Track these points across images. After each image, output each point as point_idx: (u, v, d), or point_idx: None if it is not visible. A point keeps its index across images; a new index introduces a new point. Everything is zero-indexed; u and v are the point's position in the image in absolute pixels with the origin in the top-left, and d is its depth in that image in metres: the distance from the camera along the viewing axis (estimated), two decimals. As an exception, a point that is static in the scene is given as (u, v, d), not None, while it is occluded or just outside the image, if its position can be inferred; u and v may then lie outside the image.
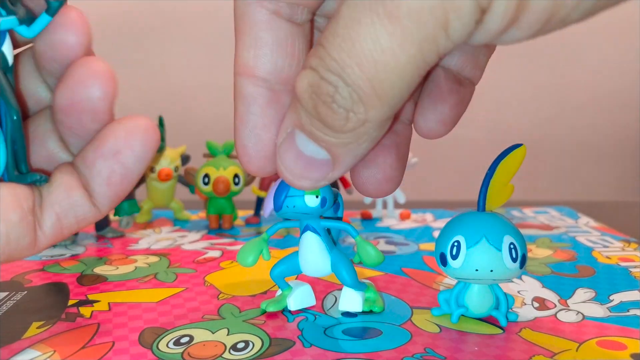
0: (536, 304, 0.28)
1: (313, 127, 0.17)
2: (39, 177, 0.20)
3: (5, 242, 0.18)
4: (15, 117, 0.19)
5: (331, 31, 0.15)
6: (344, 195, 0.38)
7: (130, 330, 0.25)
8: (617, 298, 0.29)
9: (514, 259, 0.24)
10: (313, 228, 0.26)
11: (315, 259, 0.26)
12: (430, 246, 0.41)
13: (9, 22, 0.18)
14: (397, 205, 0.53)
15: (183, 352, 0.23)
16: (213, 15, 0.76)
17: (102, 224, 0.44)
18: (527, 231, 0.45)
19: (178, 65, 0.80)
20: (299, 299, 0.28)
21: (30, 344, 0.24)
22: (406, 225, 0.49)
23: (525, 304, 0.28)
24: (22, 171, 0.19)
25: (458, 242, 0.24)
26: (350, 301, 0.27)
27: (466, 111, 0.21)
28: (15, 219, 0.18)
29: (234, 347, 0.23)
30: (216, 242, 0.42)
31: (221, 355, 0.23)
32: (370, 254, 0.26)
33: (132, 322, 0.26)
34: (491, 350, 0.23)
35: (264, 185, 0.49)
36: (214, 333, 0.25)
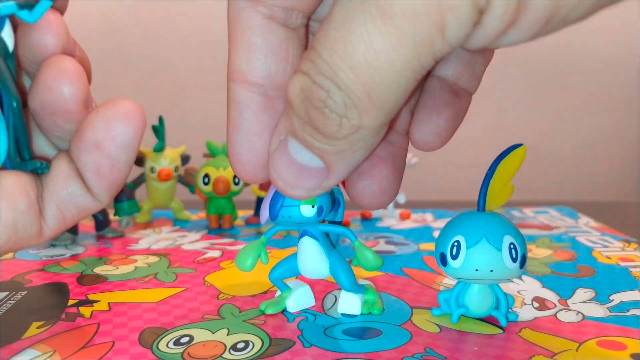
0: (536, 304, 0.28)
1: (306, 133, 0.16)
2: (40, 164, 0.19)
3: (12, 230, 0.18)
4: (15, 104, 0.18)
5: (323, 33, 0.14)
6: (344, 195, 0.38)
7: (130, 330, 0.25)
8: (617, 298, 0.29)
9: (514, 259, 0.24)
10: (311, 233, 0.26)
11: (313, 263, 0.26)
12: (430, 246, 0.41)
13: (9, 7, 0.18)
14: (397, 205, 0.53)
15: (183, 352, 0.23)
16: (213, 15, 0.76)
17: (102, 224, 0.44)
18: (527, 231, 0.45)
19: (178, 65, 0.80)
20: (298, 300, 0.28)
21: (30, 344, 0.24)
22: (406, 225, 0.49)
23: (525, 304, 0.28)
24: (24, 158, 0.19)
25: (458, 242, 0.24)
26: (349, 304, 0.27)
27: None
28: (22, 207, 0.18)
29: (234, 347, 0.23)
30: (216, 242, 0.42)
31: (221, 355, 0.23)
32: (369, 258, 0.26)
33: (132, 322, 0.26)
34: (491, 350, 0.23)
35: (264, 186, 0.49)
36: (214, 333, 0.25)
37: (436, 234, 0.44)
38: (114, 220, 0.46)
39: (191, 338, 0.24)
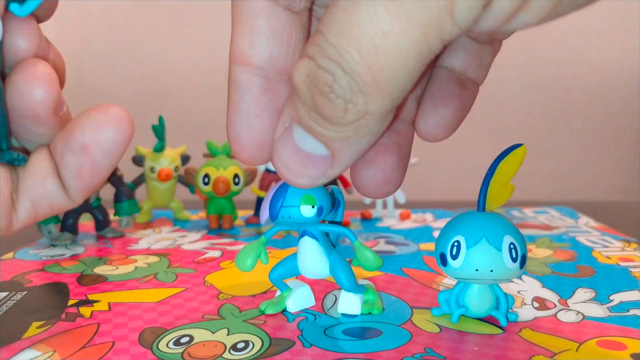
0: (536, 304, 0.28)
1: (311, 120, 0.16)
2: (17, 156, 0.19)
3: None
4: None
5: (329, 17, 0.14)
6: (345, 195, 0.38)
7: (130, 330, 0.25)
8: (617, 298, 0.29)
9: (514, 259, 0.24)
10: (311, 233, 0.26)
11: (313, 263, 0.26)
12: (430, 246, 0.41)
13: None
14: (397, 205, 0.53)
15: (183, 352, 0.23)
16: (213, 15, 0.76)
17: (102, 224, 0.44)
18: (527, 231, 0.45)
19: (178, 65, 0.80)
20: (298, 300, 0.28)
21: (30, 344, 0.24)
22: (406, 225, 0.49)
23: (525, 304, 0.28)
24: (1, 148, 0.19)
25: (458, 242, 0.24)
26: (348, 304, 0.27)
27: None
28: None
29: (234, 347, 0.23)
30: (216, 242, 0.42)
31: (221, 355, 0.23)
32: (369, 258, 0.26)
33: (132, 322, 0.26)
34: (491, 350, 0.23)
35: (264, 186, 0.49)
36: (214, 333, 0.25)
37: (436, 234, 0.44)
38: (114, 220, 0.46)
39: (191, 338, 0.24)
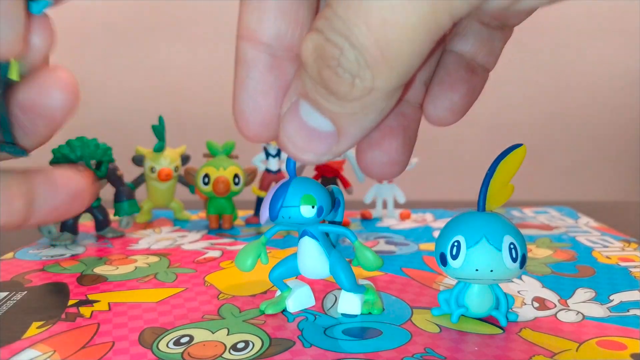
0: (536, 304, 0.28)
1: (317, 94, 0.16)
2: (20, 150, 0.19)
3: None
4: (3, 76, 0.18)
5: None
6: (345, 195, 0.38)
7: (130, 330, 0.25)
8: (617, 298, 0.29)
9: (514, 259, 0.24)
10: (311, 233, 0.26)
11: (313, 263, 0.26)
12: (430, 246, 0.41)
13: None
14: (397, 205, 0.53)
15: (183, 352, 0.23)
16: (213, 16, 0.76)
17: (102, 224, 0.44)
18: (527, 231, 0.45)
19: (178, 65, 0.80)
20: (298, 300, 0.28)
21: (30, 344, 0.24)
22: (406, 225, 0.49)
23: (525, 304, 0.28)
24: (6, 140, 0.19)
25: (458, 242, 0.24)
26: (348, 304, 0.27)
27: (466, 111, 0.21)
28: None
29: (234, 347, 0.23)
30: (216, 242, 0.42)
31: (221, 355, 0.23)
32: (369, 258, 0.26)
33: (132, 322, 0.26)
34: (491, 350, 0.23)
35: (264, 186, 0.49)
36: (214, 333, 0.25)
37: (436, 234, 0.44)
38: (114, 220, 0.46)
39: (191, 338, 0.24)
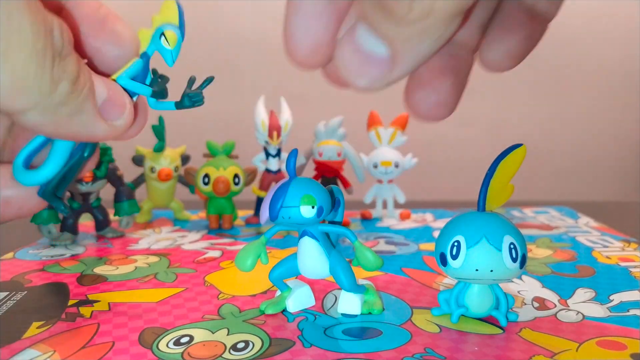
0: (536, 304, 0.28)
1: (375, 15, 0.16)
2: (64, 207, 0.21)
3: None
4: (86, 154, 0.20)
5: None
6: (345, 195, 0.38)
7: (130, 330, 0.25)
8: (617, 298, 0.29)
9: (514, 259, 0.24)
10: (311, 233, 0.26)
11: (313, 263, 0.26)
12: (430, 246, 0.41)
13: (144, 89, 0.21)
14: (397, 205, 0.53)
15: (183, 352, 0.23)
16: (213, 16, 0.76)
17: (102, 224, 0.44)
18: (527, 231, 0.45)
19: (178, 65, 0.80)
20: (298, 300, 0.28)
21: (30, 344, 0.24)
22: (406, 225, 0.49)
23: (525, 304, 0.28)
24: (57, 194, 0.20)
25: (458, 242, 0.24)
26: (348, 304, 0.27)
27: (466, 111, 0.21)
28: None
29: (234, 347, 0.23)
30: (216, 242, 0.42)
31: (221, 355, 0.23)
32: (369, 259, 0.26)
33: (132, 322, 0.26)
34: (491, 350, 0.23)
35: (264, 186, 0.49)
36: (214, 333, 0.25)
37: (436, 234, 0.44)
38: (114, 220, 0.46)
39: (191, 338, 0.24)
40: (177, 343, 0.24)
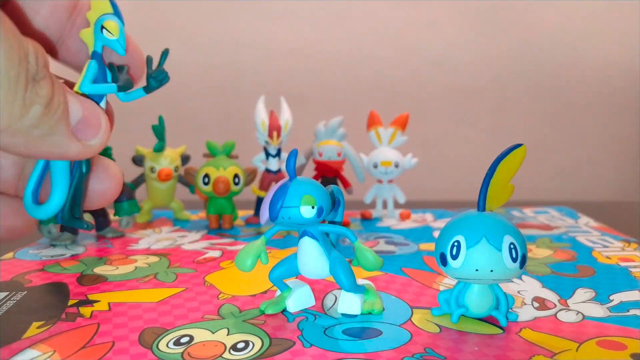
0: (536, 304, 0.28)
1: None
2: (86, 225, 0.21)
3: None
4: (85, 170, 0.20)
5: None
6: (345, 195, 0.38)
7: (130, 330, 0.25)
8: (617, 298, 0.29)
9: (514, 259, 0.24)
10: (311, 234, 0.26)
11: (313, 263, 0.26)
12: (430, 246, 0.41)
13: (109, 88, 0.21)
14: (397, 205, 0.53)
15: (183, 352, 0.23)
16: (214, 15, 0.76)
17: (102, 224, 0.44)
18: (527, 231, 0.45)
19: (178, 65, 0.80)
20: (298, 300, 0.28)
21: (30, 344, 0.24)
22: (406, 225, 0.49)
23: (525, 304, 0.28)
24: (75, 215, 0.21)
25: (458, 242, 0.24)
26: (348, 304, 0.27)
27: (467, 111, 0.21)
28: None
29: (234, 347, 0.23)
30: (216, 242, 0.42)
31: (221, 355, 0.23)
32: (369, 259, 0.26)
33: (132, 322, 0.26)
34: (491, 350, 0.23)
35: (264, 186, 0.49)
36: (214, 333, 0.25)
37: (436, 234, 0.44)
38: (114, 220, 0.46)
39: (191, 338, 0.24)
40: (177, 343, 0.24)
